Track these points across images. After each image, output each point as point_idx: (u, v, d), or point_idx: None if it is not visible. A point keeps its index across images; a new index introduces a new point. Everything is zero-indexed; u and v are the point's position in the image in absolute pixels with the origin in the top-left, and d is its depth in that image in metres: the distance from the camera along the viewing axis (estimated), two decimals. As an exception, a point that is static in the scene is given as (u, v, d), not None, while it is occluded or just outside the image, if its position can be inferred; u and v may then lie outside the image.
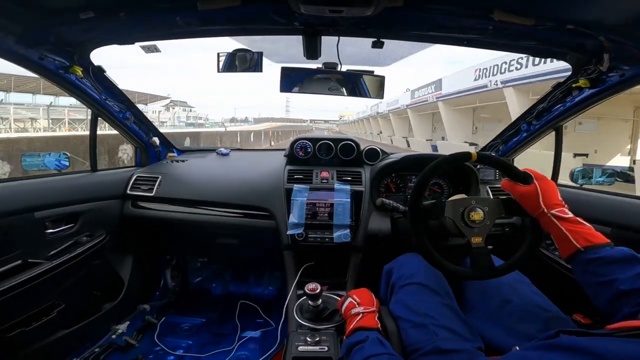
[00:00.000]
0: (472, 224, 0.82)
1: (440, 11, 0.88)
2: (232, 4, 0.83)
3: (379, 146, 1.57)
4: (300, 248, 1.30)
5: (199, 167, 1.71)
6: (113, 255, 1.55)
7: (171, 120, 32.91)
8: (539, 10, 0.82)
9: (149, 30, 1.05)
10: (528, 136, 1.44)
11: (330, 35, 1.06)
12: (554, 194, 0.77)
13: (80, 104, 1.39)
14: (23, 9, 0.82)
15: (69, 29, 0.97)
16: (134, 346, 1.46)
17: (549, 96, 1.26)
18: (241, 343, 1.51)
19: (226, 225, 1.47)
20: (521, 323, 0.77)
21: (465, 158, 0.84)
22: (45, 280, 1.12)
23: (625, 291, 0.60)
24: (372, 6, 0.78)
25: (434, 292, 0.85)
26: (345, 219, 1.27)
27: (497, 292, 0.85)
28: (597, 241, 0.69)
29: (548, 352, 0.48)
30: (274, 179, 1.42)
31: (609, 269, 0.64)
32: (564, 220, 0.73)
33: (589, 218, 0.74)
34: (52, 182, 1.30)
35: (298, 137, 1.56)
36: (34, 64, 1.04)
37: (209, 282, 1.98)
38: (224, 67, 1.14)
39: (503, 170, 0.87)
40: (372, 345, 0.71)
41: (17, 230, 1.11)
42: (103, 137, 6.23)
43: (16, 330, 1.10)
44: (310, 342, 0.90)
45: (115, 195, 1.50)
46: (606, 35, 0.87)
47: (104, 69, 1.26)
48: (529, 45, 1.04)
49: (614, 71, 0.98)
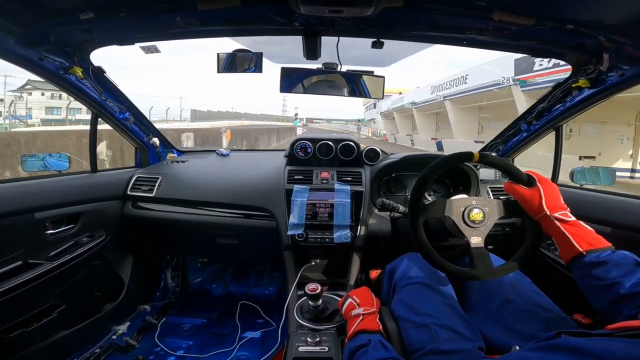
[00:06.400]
0: (472, 223, 0.82)
1: (440, 11, 0.88)
2: (232, 5, 0.83)
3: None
4: (300, 248, 1.30)
5: (199, 167, 1.71)
6: (113, 256, 1.55)
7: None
8: (539, 10, 0.82)
9: (149, 30, 1.05)
10: (528, 136, 1.44)
11: (330, 36, 1.06)
12: (556, 197, 0.78)
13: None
14: (23, 9, 0.82)
15: (69, 29, 0.97)
16: (134, 347, 1.46)
17: (549, 96, 1.26)
18: (242, 343, 1.50)
19: (226, 226, 1.47)
20: (522, 323, 0.77)
21: (467, 158, 0.84)
22: (45, 281, 1.12)
23: (626, 295, 0.60)
24: (372, 6, 0.78)
25: (435, 292, 0.86)
26: (345, 220, 1.27)
27: (498, 291, 0.85)
28: (599, 245, 0.69)
29: (548, 353, 0.48)
30: (274, 180, 1.43)
31: (610, 273, 0.64)
32: (566, 224, 0.73)
33: (589, 218, 0.74)
34: (52, 183, 1.30)
35: (298, 138, 1.57)
36: (34, 65, 1.04)
37: (209, 282, 1.98)
38: (224, 67, 1.14)
39: (505, 171, 0.87)
40: (375, 349, 0.70)
41: (18, 231, 1.11)
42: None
43: (17, 330, 1.11)
44: (310, 342, 0.90)
45: (116, 195, 1.50)
46: (606, 35, 0.87)
47: (104, 70, 1.26)
48: (529, 45, 1.04)
49: (613, 71, 0.98)
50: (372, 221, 1.33)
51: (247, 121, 23.92)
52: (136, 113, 1.55)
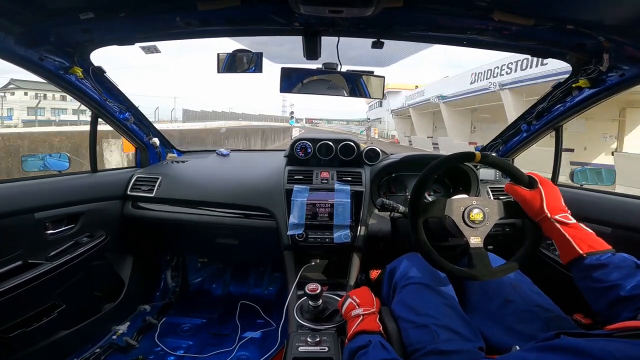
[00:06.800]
0: (472, 223, 0.82)
1: (440, 11, 0.88)
2: (232, 5, 0.83)
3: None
4: (300, 248, 1.30)
5: (199, 167, 1.71)
6: (113, 256, 1.55)
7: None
8: (539, 10, 0.82)
9: (149, 30, 1.05)
10: (528, 136, 1.44)
11: (330, 36, 1.06)
12: (557, 200, 0.78)
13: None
14: (23, 9, 0.82)
15: (69, 29, 0.97)
16: (134, 347, 1.45)
17: (549, 96, 1.26)
18: (241, 343, 1.50)
19: (226, 226, 1.47)
20: (522, 323, 0.77)
21: (468, 158, 0.84)
22: (45, 281, 1.12)
23: (625, 297, 0.60)
24: (372, 6, 0.78)
25: (435, 292, 0.85)
26: (345, 220, 1.27)
27: (498, 291, 0.85)
28: (600, 248, 0.69)
29: (547, 354, 0.48)
30: (274, 180, 1.42)
31: (610, 275, 0.64)
32: (567, 226, 0.73)
33: (589, 218, 0.74)
34: (52, 183, 1.30)
35: (298, 138, 1.56)
36: (34, 65, 1.04)
37: (209, 282, 1.98)
38: (224, 67, 1.14)
39: (505, 172, 0.87)
40: (375, 350, 0.70)
41: (18, 231, 1.11)
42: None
43: (17, 330, 1.10)
44: (310, 342, 0.90)
45: (116, 196, 1.50)
46: (606, 35, 0.87)
47: (104, 70, 1.26)
48: (529, 45, 1.04)
49: (613, 71, 0.98)
50: (372, 221, 1.33)
51: (245, 122, 23.04)
52: (136, 113, 1.55)
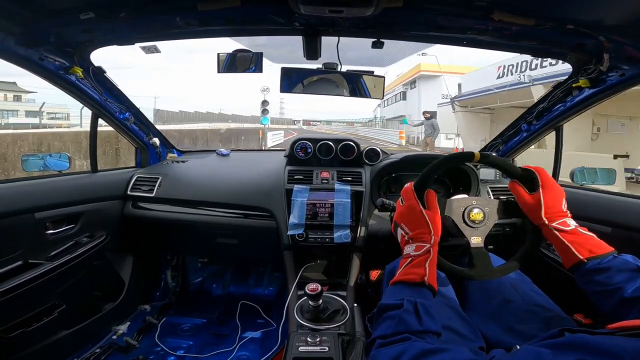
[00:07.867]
0: (472, 223, 0.82)
1: (440, 11, 0.87)
2: (231, 5, 0.83)
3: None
4: (300, 248, 1.30)
5: (199, 167, 1.71)
6: (113, 256, 1.55)
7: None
8: (539, 10, 0.82)
9: (149, 31, 1.05)
10: (528, 136, 1.44)
11: (330, 36, 1.06)
12: (557, 204, 0.74)
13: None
14: (23, 9, 0.82)
15: (69, 29, 0.97)
16: (134, 346, 1.46)
17: (549, 96, 1.26)
18: (242, 343, 1.51)
19: (226, 226, 1.48)
20: (522, 322, 0.77)
21: (468, 158, 0.84)
22: (45, 281, 1.12)
23: (630, 299, 0.60)
24: (372, 6, 0.78)
25: None
26: (345, 220, 1.27)
27: (499, 291, 0.85)
28: (601, 251, 0.68)
29: (560, 350, 0.47)
30: (274, 180, 1.42)
31: (613, 278, 0.63)
32: (565, 232, 0.71)
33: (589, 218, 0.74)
34: (52, 183, 1.30)
35: (298, 138, 1.56)
36: (34, 65, 1.04)
37: (209, 282, 1.99)
38: (224, 67, 1.14)
39: (505, 171, 0.87)
40: (406, 315, 0.59)
41: (18, 231, 1.11)
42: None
43: (17, 330, 1.11)
44: (311, 342, 0.90)
45: (116, 195, 1.50)
46: (606, 35, 0.86)
47: (104, 70, 1.26)
48: (529, 45, 1.04)
49: (614, 71, 0.98)
50: (372, 221, 1.33)
51: (234, 124, 21.10)
52: (136, 113, 1.55)
